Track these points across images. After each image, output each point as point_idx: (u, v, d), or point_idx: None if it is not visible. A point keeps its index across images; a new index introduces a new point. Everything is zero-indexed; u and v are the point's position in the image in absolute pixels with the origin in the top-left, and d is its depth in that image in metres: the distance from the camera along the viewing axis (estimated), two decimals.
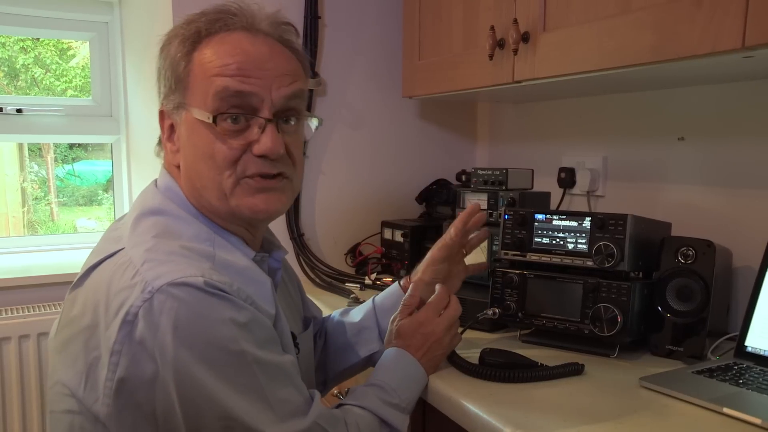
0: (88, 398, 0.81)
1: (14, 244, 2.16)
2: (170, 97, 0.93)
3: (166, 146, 0.96)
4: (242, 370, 0.80)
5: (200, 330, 0.78)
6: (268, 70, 0.91)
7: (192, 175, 0.93)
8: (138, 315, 0.77)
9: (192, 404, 0.77)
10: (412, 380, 1.07)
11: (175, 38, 0.93)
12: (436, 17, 1.76)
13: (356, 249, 2.02)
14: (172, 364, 0.76)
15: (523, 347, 1.29)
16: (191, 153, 0.92)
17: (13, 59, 2.30)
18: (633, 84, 1.52)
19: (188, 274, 0.79)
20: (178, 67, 0.91)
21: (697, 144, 1.48)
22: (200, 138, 0.91)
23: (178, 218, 0.91)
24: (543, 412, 0.98)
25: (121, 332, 0.77)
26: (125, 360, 0.77)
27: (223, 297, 0.80)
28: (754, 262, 1.24)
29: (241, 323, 0.80)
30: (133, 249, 0.85)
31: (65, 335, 0.87)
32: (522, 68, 1.41)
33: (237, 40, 0.91)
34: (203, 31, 0.91)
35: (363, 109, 2.04)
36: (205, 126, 0.90)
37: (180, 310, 0.77)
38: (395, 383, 1.03)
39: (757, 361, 1.14)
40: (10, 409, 1.80)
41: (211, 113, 0.89)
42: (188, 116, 0.91)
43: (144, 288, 0.78)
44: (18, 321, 1.79)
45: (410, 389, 1.05)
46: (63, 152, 2.60)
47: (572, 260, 1.26)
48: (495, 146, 2.18)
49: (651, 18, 1.11)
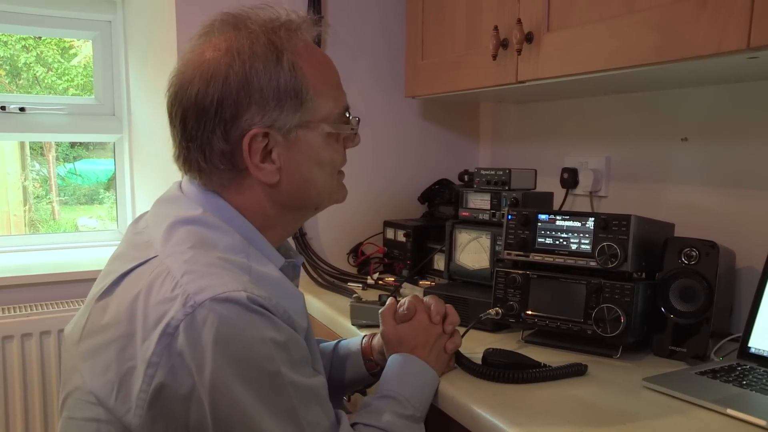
0: (120, 408, 0.80)
1: (16, 243, 2.17)
2: (287, 117, 0.91)
3: (257, 167, 0.91)
4: (278, 390, 0.80)
5: (240, 347, 0.77)
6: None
7: (304, 186, 0.96)
8: (179, 328, 0.76)
9: (225, 421, 0.77)
10: (424, 385, 1.06)
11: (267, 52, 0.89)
12: (439, 17, 1.76)
13: (358, 249, 2.02)
14: (210, 380, 0.76)
15: (525, 347, 1.29)
16: (307, 165, 0.95)
17: (15, 58, 2.31)
18: (636, 84, 1.51)
19: (231, 289, 0.79)
20: (286, 84, 0.90)
21: (700, 145, 1.47)
22: (324, 149, 0.96)
23: (213, 227, 0.90)
24: (546, 412, 0.98)
25: (160, 344, 0.77)
26: (162, 372, 0.77)
27: (264, 314, 0.80)
28: (758, 263, 1.24)
29: (280, 343, 0.80)
30: (169, 258, 0.84)
31: (95, 343, 0.85)
32: (525, 68, 1.40)
33: (317, 50, 0.98)
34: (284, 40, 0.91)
35: (365, 109, 2.04)
36: (331, 138, 0.97)
37: (221, 327, 0.77)
38: (408, 392, 1.02)
39: (760, 362, 1.14)
40: (12, 407, 1.80)
41: (349, 125, 0.99)
42: (311, 133, 0.94)
43: (186, 301, 0.77)
44: (21, 319, 1.79)
45: (423, 394, 1.05)
46: (64, 151, 2.60)
47: (575, 261, 1.26)
48: (498, 146, 2.18)
49: (655, 18, 1.11)
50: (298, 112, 0.91)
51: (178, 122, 0.92)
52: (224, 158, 0.90)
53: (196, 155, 0.91)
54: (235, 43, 0.89)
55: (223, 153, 0.90)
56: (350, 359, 1.22)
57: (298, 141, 0.93)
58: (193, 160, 0.92)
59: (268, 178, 0.92)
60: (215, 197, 0.93)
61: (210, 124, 0.89)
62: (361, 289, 1.79)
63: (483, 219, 1.55)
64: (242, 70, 0.87)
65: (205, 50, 0.90)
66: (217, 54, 0.89)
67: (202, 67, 0.89)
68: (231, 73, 0.87)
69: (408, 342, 1.10)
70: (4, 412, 1.79)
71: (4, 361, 1.78)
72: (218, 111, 0.88)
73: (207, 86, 0.88)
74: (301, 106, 0.91)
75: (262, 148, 0.90)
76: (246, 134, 0.89)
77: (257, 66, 0.88)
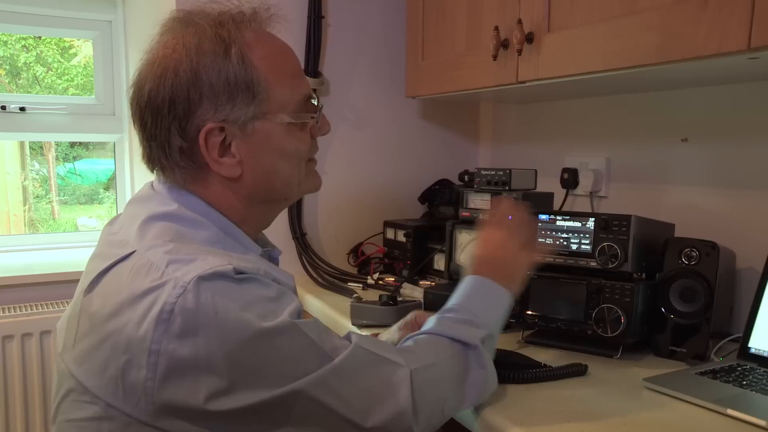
0: (128, 402, 0.79)
1: (15, 243, 2.17)
2: (237, 109, 0.90)
3: (216, 162, 0.91)
4: (291, 335, 0.80)
5: (241, 312, 0.78)
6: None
7: (268, 177, 0.95)
8: (173, 311, 0.77)
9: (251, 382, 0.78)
10: (485, 297, 1.03)
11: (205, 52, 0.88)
12: (439, 17, 1.76)
13: (358, 249, 2.02)
14: (222, 353, 0.76)
15: (526, 348, 1.29)
16: (269, 156, 0.94)
17: (15, 57, 2.30)
18: (637, 85, 1.52)
19: (216, 264, 0.80)
20: (237, 77, 0.89)
21: (700, 145, 1.48)
22: (285, 139, 0.94)
23: (187, 221, 0.91)
24: (546, 412, 0.98)
25: (158, 331, 0.77)
26: (165, 358, 0.77)
27: (252, 279, 0.81)
28: (758, 264, 1.24)
29: (273, 297, 0.82)
30: (149, 251, 0.84)
31: (87, 344, 0.85)
32: (526, 69, 1.41)
33: (272, 39, 0.95)
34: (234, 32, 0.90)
35: (366, 109, 2.04)
36: (293, 127, 0.94)
37: (216, 299, 0.77)
38: (462, 302, 1.01)
39: (760, 362, 1.14)
40: (12, 407, 1.80)
41: (309, 113, 0.96)
42: (268, 124, 0.92)
43: (175, 284, 0.78)
44: (21, 319, 1.80)
45: (485, 304, 1.01)
46: (64, 151, 2.60)
47: (576, 261, 1.26)
48: (498, 146, 2.18)
49: (656, 19, 1.11)
50: (252, 104, 0.90)
51: (138, 122, 0.93)
52: (184, 155, 0.90)
53: (158, 153, 0.92)
54: (182, 40, 0.89)
55: (182, 150, 0.90)
56: None
57: (256, 133, 0.92)
58: (155, 158, 0.93)
59: (229, 172, 0.92)
60: (187, 193, 0.93)
61: (165, 122, 0.89)
62: (361, 289, 1.79)
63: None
64: (190, 67, 0.88)
65: (158, 49, 0.91)
66: (167, 52, 0.89)
67: (153, 66, 0.90)
68: (180, 71, 0.88)
69: (473, 264, 1.08)
70: (4, 411, 1.79)
71: (5, 360, 1.78)
72: (171, 109, 0.88)
73: (158, 85, 0.88)
74: (254, 98, 0.90)
75: (219, 143, 0.90)
76: (201, 130, 0.89)
77: (205, 61, 0.88)
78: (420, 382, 0.87)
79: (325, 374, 0.80)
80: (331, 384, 0.81)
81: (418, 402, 0.86)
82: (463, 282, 1.06)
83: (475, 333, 0.96)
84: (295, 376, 0.79)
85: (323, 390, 0.80)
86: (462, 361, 0.94)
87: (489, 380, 0.96)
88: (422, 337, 0.96)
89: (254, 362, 0.78)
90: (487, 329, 0.99)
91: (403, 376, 0.86)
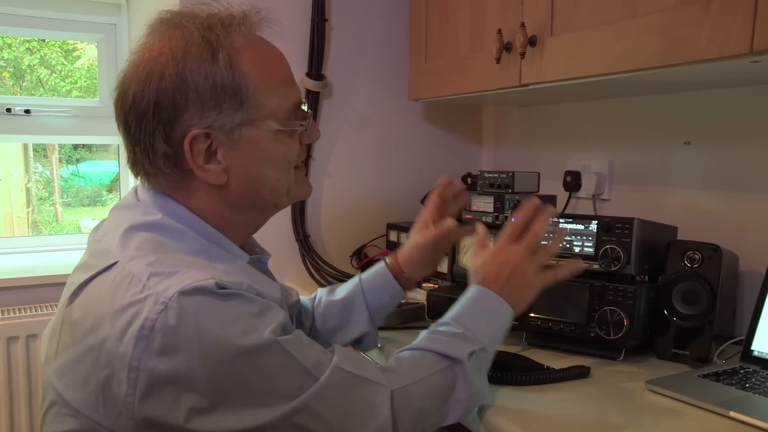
0: (108, 417, 0.78)
1: (19, 244, 2.17)
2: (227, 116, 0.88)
3: (201, 169, 0.89)
4: (272, 352, 0.79)
5: (222, 329, 0.77)
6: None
7: (255, 185, 0.92)
8: (154, 328, 0.75)
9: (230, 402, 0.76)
10: (483, 311, 1.00)
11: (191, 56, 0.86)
12: (442, 20, 1.76)
13: (362, 251, 2.02)
14: (202, 371, 0.75)
15: (528, 350, 1.29)
16: (256, 164, 0.91)
17: (19, 60, 2.31)
18: (639, 88, 1.52)
19: (198, 279, 0.78)
20: (223, 82, 0.86)
21: (703, 148, 1.48)
22: (273, 146, 0.91)
23: (171, 231, 0.88)
24: (549, 415, 0.98)
25: (138, 347, 0.75)
26: (145, 375, 0.75)
27: (235, 294, 0.79)
28: (761, 267, 1.24)
29: (256, 313, 0.80)
30: (131, 262, 0.82)
31: (68, 357, 0.83)
32: (529, 72, 1.41)
33: (262, 44, 0.93)
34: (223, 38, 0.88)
35: (369, 112, 2.05)
36: (282, 134, 0.92)
37: (198, 316, 0.76)
38: (459, 314, 0.99)
39: (763, 365, 1.14)
40: (17, 407, 1.80)
41: (299, 121, 0.93)
42: (256, 131, 0.90)
43: (156, 300, 0.76)
44: (25, 320, 1.80)
45: (480, 318, 0.98)
46: (67, 153, 2.61)
47: None
48: (500, 149, 2.19)
49: (658, 22, 1.12)
50: (239, 111, 0.87)
51: (122, 126, 0.90)
52: (168, 161, 0.88)
53: (142, 158, 0.89)
54: (169, 43, 0.86)
55: (166, 155, 0.87)
56: (384, 287, 1.19)
57: (242, 140, 0.89)
58: (139, 163, 0.90)
59: (214, 179, 0.89)
60: (170, 201, 0.91)
61: (150, 127, 0.86)
62: None
63: (486, 222, 1.56)
64: (176, 71, 0.85)
65: (144, 52, 0.88)
66: (153, 55, 0.86)
67: (138, 69, 0.87)
68: (166, 75, 0.85)
69: (477, 274, 1.05)
70: (9, 412, 1.79)
71: (9, 361, 1.78)
72: (156, 113, 0.86)
73: (143, 89, 0.86)
74: (241, 104, 0.87)
75: (205, 149, 0.87)
76: (186, 135, 0.86)
77: (191, 66, 0.85)
78: (401, 402, 0.86)
79: (308, 398, 0.79)
80: (313, 407, 0.80)
81: (399, 421, 0.85)
82: (468, 291, 1.03)
83: (464, 347, 0.94)
84: (277, 397, 0.78)
85: (305, 414, 0.79)
86: (447, 377, 0.92)
87: (475, 395, 0.94)
88: (407, 354, 0.95)
89: (235, 381, 0.77)
90: (480, 344, 0.96)
91: (384, 396, 0.85)
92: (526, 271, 1.03)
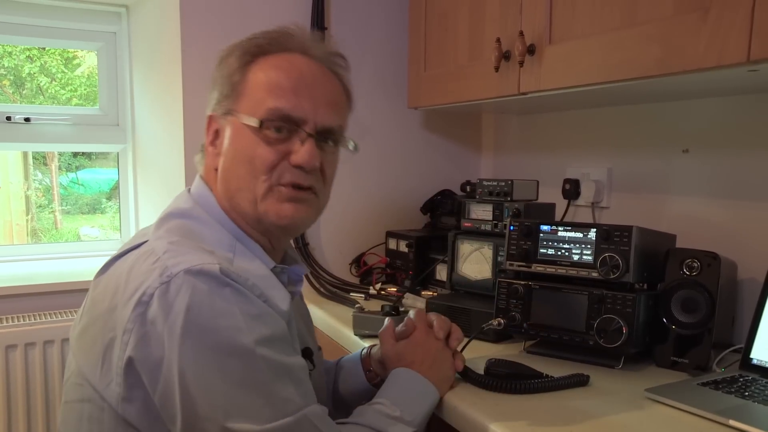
0: (103, 381, 0.82)
1: (18, 252, 2.17)
2: (222, 103, 0.97)
3: (208, 150, 0.99)
4: (247, 362, 0.80)
5: (210, 317, 0.79)
6: (318, 95, 0.96)
7: (229, 176, 0.96)
8: (153, 296, 0.79)
9: (191, 391, 0.78)
10: (416, 394, 1.05)
11: (236, 50, 0.98)
12: (442, 29, 1.77)
13: (361, 259, 2.02)
14: (178, 348, 0.77)
15: (528, 358, 1.29)
16: (231, 156, 0.96)
17: (19, 68, 2.32)
18: (638, 96, 1.52)
19: (206, 262, 0.81)
20: (233, 77, 0.96)
21: (701, 156, 1.48)
22: (243, 142, 0.94)
23: (203, 222, 0.94)
24: (548, 423, 0.98)
25: (135, 312, 0.80)
26: (134, 339, 0.79)
27: (236, 288, 0.82)
28: (760, 275, 1.24)
29: (252, 315, 0.82)
30: (157, 241, 0.88)
31: (85, 322, 0.90)
32: (528, 80, 1.41)
33: (294, 61, 0.97)
34: (264, 46, 0.97)
35: (368, 120, 2.05)
36: (250, 130, 0.94)
37: (193, 296, 0.79)
38: (395, 397, 1.03)
39: (762, 373, 1.14)
40: (15, 416, 1.80)
41: (259, 119, 0.93)
42: (235, 121, 0.95)
43: (162, 272, 0.81)
44: (24, 329, 1.79)
45: (415, 402, 1.04)
46: (67, 161, 2.61)
47: (577, 271, 1.27)
48: (499, 157, 2.19)
49: (656, 31, 1.12)
50: (229, 99, 0.96)
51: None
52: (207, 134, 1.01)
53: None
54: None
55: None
56: (351, 372, 1.22)
57: (228, 127, 0.96)
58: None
59: (210, 161, 0.99)
60: (206, 191, 0.98)
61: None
62: (363, 300, 1.79)
63: (485, 230, 1.56)
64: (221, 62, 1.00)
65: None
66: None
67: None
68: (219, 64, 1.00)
69: (405, 357, 1.10)
70: (7, 421, 1.79)
71: (8, 370, 1.78)
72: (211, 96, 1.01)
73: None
74: (238, 97, 0.96)
75: (212, 132, 0.99)
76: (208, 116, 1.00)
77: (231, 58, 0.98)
78: None
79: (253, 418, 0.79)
80: None
81: None
82: (396, 374, 1.07)
83: (403, 430, 0.98)
84: (223, 413, 0.78)
85: None
86: None
87: None
88: (355, 429, 0.96)
89: (198, 377, 0.78)
90: (412, 427, 1.00)
91: None
92: (444, 355, 1.12)
